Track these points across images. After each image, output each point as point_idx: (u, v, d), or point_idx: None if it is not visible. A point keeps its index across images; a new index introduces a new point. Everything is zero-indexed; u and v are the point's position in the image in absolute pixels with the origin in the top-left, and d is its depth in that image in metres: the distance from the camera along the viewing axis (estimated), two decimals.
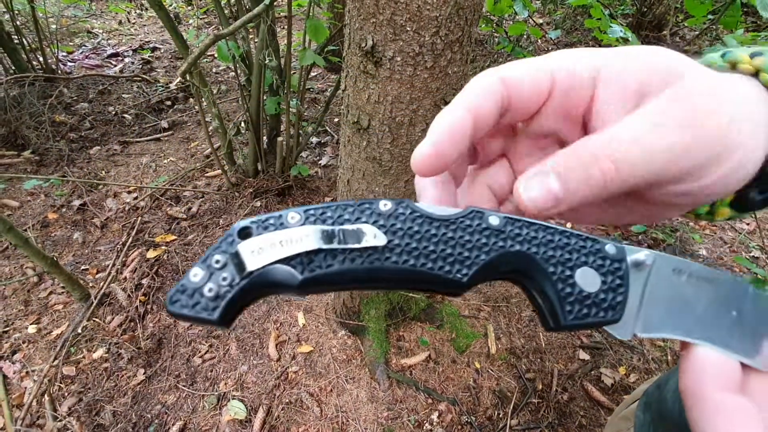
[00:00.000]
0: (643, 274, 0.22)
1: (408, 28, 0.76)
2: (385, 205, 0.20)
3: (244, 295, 0.19)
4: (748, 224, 2.04)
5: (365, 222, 0.20)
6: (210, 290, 0.18)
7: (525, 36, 2.88)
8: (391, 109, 0.89)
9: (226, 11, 1.87)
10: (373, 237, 0.19)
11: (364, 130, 0.96)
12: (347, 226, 0.20)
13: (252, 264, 0.18)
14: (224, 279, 0.18)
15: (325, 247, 0.19)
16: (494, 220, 0.21)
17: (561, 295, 0.20)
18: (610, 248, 0.21)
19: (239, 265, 0.18)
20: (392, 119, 0.91)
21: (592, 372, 1.47)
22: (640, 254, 0.21)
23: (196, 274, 0.18)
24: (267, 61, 1.59)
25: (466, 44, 0.82)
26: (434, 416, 1.35)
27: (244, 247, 0.18)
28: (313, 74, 3.21)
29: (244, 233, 0.19)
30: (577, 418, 1.36)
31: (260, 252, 0.18)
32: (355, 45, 0.83)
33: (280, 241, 0.19)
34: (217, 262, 0.18)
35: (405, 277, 0.20)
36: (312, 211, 0.20)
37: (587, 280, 0.21)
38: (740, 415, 0.20)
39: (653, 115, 0.21)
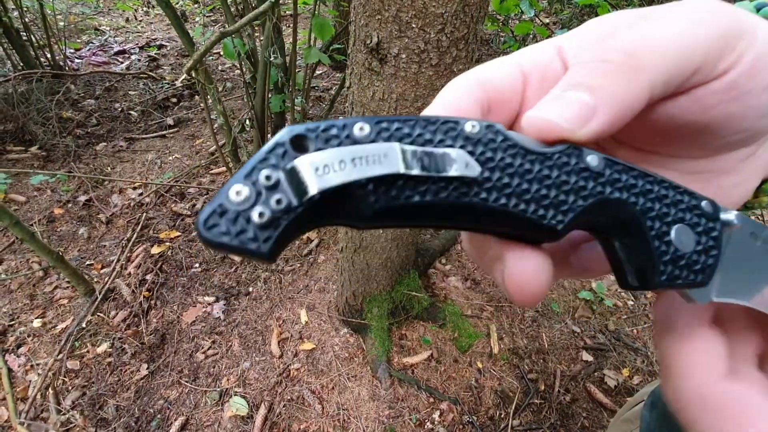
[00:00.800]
0: (726, 236, 0.20)
1: (413, 25, 0.76)
2: (473, 127, 0.17)
3: (302, 222, 0.15)
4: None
5: (450, 145, 0.17)
6: (261, 215, 0.14)
7: (531, 35, 2.87)
8: (396, 106, 0.89)
9: (232, 9, 1.88)
10: (464, 165, 0.16)
11: None
12: (433, 149, 0.16)
13: (316, 185, 0.14)
14: (278, 202, 0.15)
15: (407, 172, 0.15)
16: (593, 160, 0.18)
17: (656, 253, 0.18)
18: (706, 205, 0.19)
19: (298, 185, 0.15)
20: None
21: (596, 373, 1.46)
22: (730, 215, 0.20)
23: (239, 191, 0.14)
24: (272, 59, 1.59)
25: (471, 42, 0.82)
26: (436, 415, 1.35)
27: (305, 163, 0.15)
28: (318, 72, 3.21)
29: (299, 143, 0.15)
30: (579, 420, 1.35)
31: (326, 170, 0.14)
32: (360, 42, 0.83)
33: (353, 158, 0.15)
34: (268, 179, 0.15)
35: (495, 217, 0.17)
36: (385, 124, 0.16)
37: (683, 238, 0.19)
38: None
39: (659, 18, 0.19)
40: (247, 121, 2.09)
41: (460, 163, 0.16)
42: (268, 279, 1.75)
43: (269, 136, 2.11)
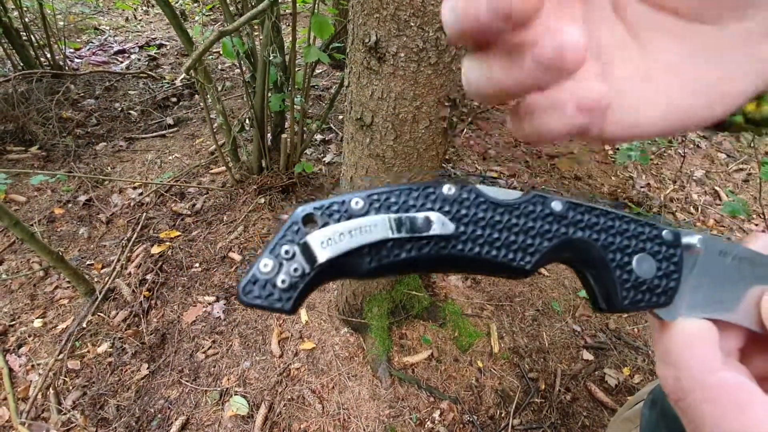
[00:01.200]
0: (692, 258, 0.22)
1: (412, 24, 0.75)
2: (449, 190, 0.20)
3: (313, 283, 0.19)
4: (756, 225, 2.01)
5: (430, 209, 0.20)
6: (283, 282, 0.18)
7: None
8: (395, 105, 0.88)
9: (231, 8, 1.87)
10: (441, 225, 0.19)
11: (368, 127, 0.95)
12: (415, 214, 0.19)
13: (323, 255, 0.18)
14: (295, 270, 0.18)
15: (394, 236, 0.19)
16: (557, 206, 0.21)
17: (618, 281, 0.21)
18: (666, 234, 0.22)
19: (309, 256, 0.18)
20: (395, 116, 0.90)
21: (596, 372, 1.46)
22: (693, 238, 0.22)
23: (266, 264, 0.18)
24: (271, 58, 1.59)
25: None
26: (436, 415, 1.35)
27: (314, 238, 0.18)
28: (318, 71, 3.21)
29: (308, 220, 0.19)
30: (580, 419, 1.35)
31: (329, 243, 0.18)
32: (359, 41, 0.83)
33: (350, 231, 0.19)
34: (287, 252, 0.19)
35: (470, 263, 0.20)
36: (375, 196, 0.20)
37: (644, 266, 0.21)
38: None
39: None
40: (247, 121, 2.09)
41: (437, 224, 0.19)
42: None
43: (269, 135, 2.11)
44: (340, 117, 2.71)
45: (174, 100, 2.88)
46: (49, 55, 2.84)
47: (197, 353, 1.49)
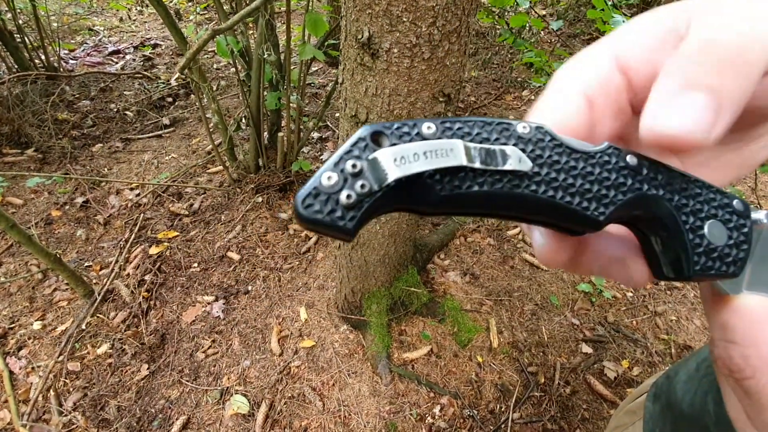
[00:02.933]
0: (758, 233, 0.22)
1: (404, 19, 0.75)
2: (524, 128, 0.19)
3: (379, 205, 0.18)
4: None
5: (505, 143, 0.19)
6: (348, 197, 0.17)
7: (527, 27, 2.85)
8: (389, 101, 0.88)
9: (225, 6, 1.86)
10: (518, 161, 0.18)
11: (362, 124, 0.95)
12: (492, 146, 0.18)
13: (394, 173, 0.17)
14: (362, 186, 0.17)
15: (469, 165, 0.18)
16: (632, 160, 0.20)
17: (690, 245, 0.20)
18: (737, 204, 0.21)
19: (379, 173, 0.17)
20: (390, 112, 0.90)
21: (595, 365, 1.47)
22: (760, 214, 0.22)
23: (330, 177, 0.17)
24: (266, 56, 1.58)
25: (464, 35, 0.81)
26: (436, 410, 1.35)
27: (385, 155, 0.17)
28: (314, 69, 3.20)
29: (377, 139, 0.18)
30: (579, 412, 1.35)
31: (403, 161, 0.17)
32: (352, 37, 0.82)
33: (425, 152, 0.17)
34: (354, 167, 0.17)
35: (543, 207, 0.19)
36: (448, 124, 0.18)
37: (715, 232, 0.20)
38: None
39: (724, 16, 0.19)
40: (243, 120, 2.08)
41: (514, 159, 0.18)
42: (267, 277, 1.75)
43: (265, 134, 2.11)
44: (337, 114, 2.70)
45: (170, 100, 2.87)
46: (43, 57, 2.82)
47: (197, 353, 1.49)
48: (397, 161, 0.17)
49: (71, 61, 3.29)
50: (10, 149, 2.30)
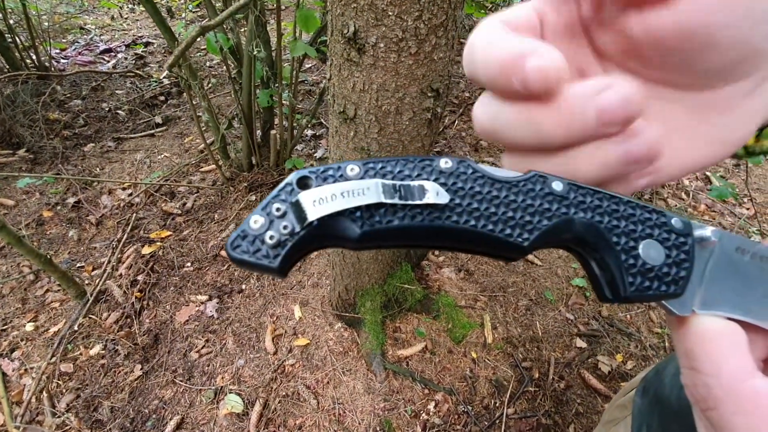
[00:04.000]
0: (707, 251, 0.21)
1: (390, 13, 0.74)
2: (446, 163, 0.20)
3: (304, 244, 0.19)
4: (748, 209, 2.02)
5: (426, 179, 0.20)
6: (271, 238, 0.18)
7: None
8: (377, 97, 0.87)
9: (218, 4, 1.84)
10: (435, 194, 0.19)
11: (351, 120, 0.94)
12: (410, 182, 0.19)
13: (313, 214, 0.18)
14: (285, 227, 0.18)
15: (387, 201, 0.19)
16: (558, 186, 0.20)
17: (624, 266, 0.20)
18: (676, 222, 0.21)
19: (300, 214, 0.18)
20: (378, 108, 0.89)
21: (589, 360, 1.47)
22: (706, 231, 0.21)
23: (256, 221, 0.18)
24: (256, 53, 1.57)
25: (451, 29, 0.80)
26: (431, 406, 1.35)
27: (305, 197, 0.18)
28: (307, 66, 3.18)
29: (303, 183, 0.19)
30: (573, 406, 1.35)
31: (321, 202, 0.18)
32: (338, 32, 0.81)
33: (342, 192, 0.18)
34: (278, 210, 0.18)
35: (465, 237, 0.20)
36: (371, 165, 0.20)
37: (651, 252, 0.20)
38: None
39: None
40: (235, 118, 2.07)
41: (432, 193, 0.19)
42: (261, 276, 1.74)
43: (258, 132, 2.09)
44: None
45: (162, 98, 2.85)
46: (34, 57, 2.79)
47: (191, 352, 1.49)
48: (316, 202, 0.18)
49: (62, 61, 3.26)
50: (1, 150, 2.28)
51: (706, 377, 0.19)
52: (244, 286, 1.70)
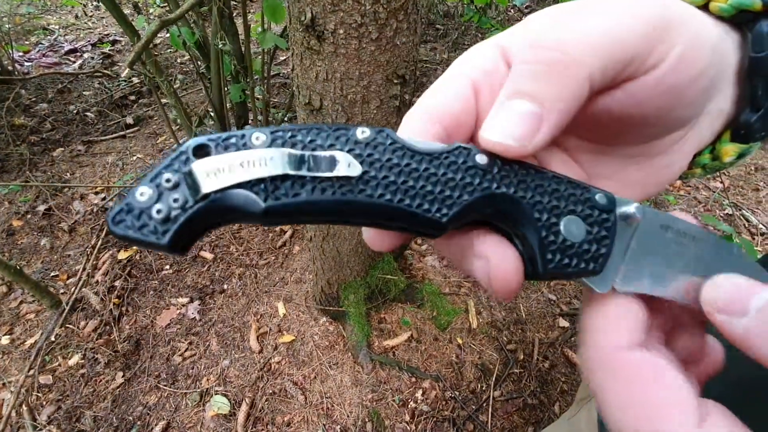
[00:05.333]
0: (631, 228, 0.21)
1: None
2: (362, 133, 0.19)
3: (199, 219, 0.17)
4: (721, 182, 2.06)
5: (339, 149, 0.18)
6: (159, 212, 0.16)
7: (493, 5, 2.81)
8: (341, 86, 0.85)
9: None
10: (346, 166, 0.18)
11: (317, 111, 0.92)
12: (319, 152, 0.18)
13: (207, 186, 0.16)
14: (175, 200, 0.16)
15: (292, 173, 0.17)
16: (481, 159, 0.19)
17: (544, 242, 0.19)
18: (600, 198, 0.20)
19: (193, 186, 0.16)
20: (344, 97, 0.87)
21: (572, 338, 1.49)
22: (630, 207, 0.20)
23: (143, 193, 0.16)
24: (221, 46, 1.52)
25: (412, 12, 0.78)
26: (418, 394, 1.36)
27: (199, 167, 0.16)
28: (281, 58, 3.11)
29: (201, 151, 0.17)
30: (558, 385, 1.38)
31: (218, 173, 0.16)
32: (296, 19, 0.79)
33: (241, 162, 0.17)
34: (168, 181, 0.17)
35: (379, 212, 0.18)
36: (280, 133, 0.18)
37: (572, 229, 0.20)
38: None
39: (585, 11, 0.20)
40: (207, 115, 2.01)
41: (342, 164, 0.18)
42: (243, 274, 1.72)
43: (234, 128, 2.04)
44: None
45: (132, 98, 2.77)
46: None
47: (174, 356, 1.46)
48: (212, 173, 0.16)
49: (26, 63, 3.13)
50: None
51: (586, 348, 0.20)
52: (225, 286, 1.68)
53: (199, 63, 1.84)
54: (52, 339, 1.48)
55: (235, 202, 0.17)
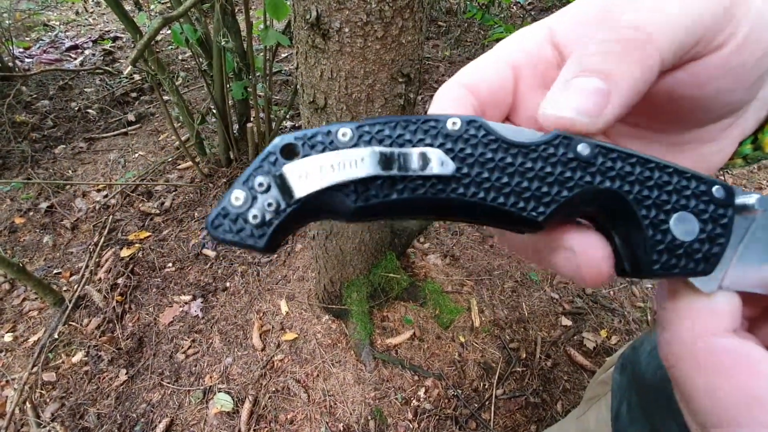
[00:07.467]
0: (747, 221, 0.19)
1: None
2: (453, 124, 0.18)
3: (291, 221, 0.17)
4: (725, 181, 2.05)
5: (429, 144, 0.17)
6: (255, 216, 0.17)
7: (496, 3, 2.79)
8: (346, 85, 0.85)
9: None
10: (439, 164, 0.17)
11: (322, 110, 0.91)
12: (410, 150, 0.17)
13: (300, 190, 0.16)
14: (269, 204, 0.17)
15: (383, 173, 0.17)
16: (583, 149, 0.18)
17: (649, 242, 0.18)
18: (717, 191, 0.18)
19: (286, 190, 0.17)
20: (348, 96, 0.87)
21: (575, 337, 1.49)
22: (750, 198, 0.18)
23: (237, 197, 0.17)
24: (224, 44, 1.51)
25: (417, 10, 0.78)
26: (421, 392, 1.36)
27: (291, 170, 0.16)
28: (283, 55, 3.10)
29: (288, 150, 0.17)
30: (561, 383, 1.38)
31: (308, 176, 0.16)
32: (301, 18, 0.78)
33: (332, 164, 0.16)
34: (261, 185, 0.17)
35: (471, 211, 0.18)
36: (366, 128, 0.17)
37: (684, 226, 0.18)
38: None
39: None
40: (210, 112, 2.01)
41: (435, 162, 0.17)
42: (246, 272, 1.72)
43: (236, 126, 2.04)
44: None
45: (134, 95, 2.76)
46: None
47: (177, 354, 1.47)
48: (304, 176, 0.16)
49: (27, 60, 3.12)
50: None
51: (668, 334, 0.19)
52: (228, 284, 1.68)
53: (201, 60, 1.84)
54: (56, 336, 1.49)
55: (326, 204, 0.17)
